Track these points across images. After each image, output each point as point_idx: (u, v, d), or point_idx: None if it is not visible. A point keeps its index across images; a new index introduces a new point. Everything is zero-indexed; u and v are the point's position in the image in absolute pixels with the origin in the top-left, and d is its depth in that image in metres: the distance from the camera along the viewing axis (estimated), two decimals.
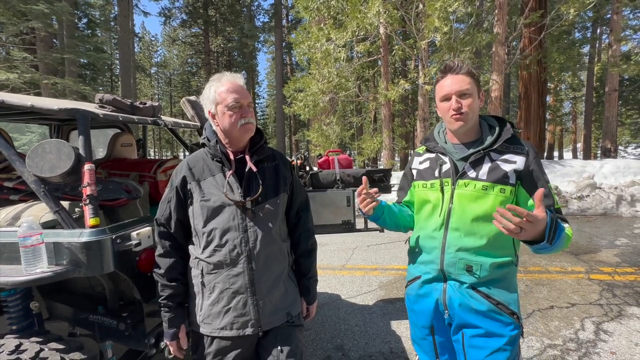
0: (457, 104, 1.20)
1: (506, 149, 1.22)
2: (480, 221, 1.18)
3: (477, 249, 1.19)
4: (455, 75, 1.21)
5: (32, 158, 1.34)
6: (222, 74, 1.24)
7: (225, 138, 1.25)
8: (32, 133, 10.88)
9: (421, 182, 1.34)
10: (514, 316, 1.19)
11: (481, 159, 1.22)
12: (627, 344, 2.51)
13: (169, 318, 1.24)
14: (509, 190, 1.17)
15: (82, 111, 1.46)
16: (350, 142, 13.78)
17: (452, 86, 1.21)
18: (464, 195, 1.21)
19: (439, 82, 1.26)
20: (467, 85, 1.19)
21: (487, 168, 1.20)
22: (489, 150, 1.21)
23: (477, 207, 1.19)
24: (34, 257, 1.19)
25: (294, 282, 1.38)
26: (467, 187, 1.21)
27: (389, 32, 9.26)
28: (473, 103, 1.20)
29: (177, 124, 2.26)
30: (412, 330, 1.42)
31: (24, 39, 11.28)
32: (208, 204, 1.20)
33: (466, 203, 1.20)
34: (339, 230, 2.76)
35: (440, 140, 1.34)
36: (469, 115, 1.20)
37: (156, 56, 35.37)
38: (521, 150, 1.21)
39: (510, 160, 1.20)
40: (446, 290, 1.25)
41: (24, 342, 1.26)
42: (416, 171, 1.39)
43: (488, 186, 1.18)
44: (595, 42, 18.53)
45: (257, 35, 23.92)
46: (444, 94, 1.23)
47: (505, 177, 1.17)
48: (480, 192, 1.19)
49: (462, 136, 1.28)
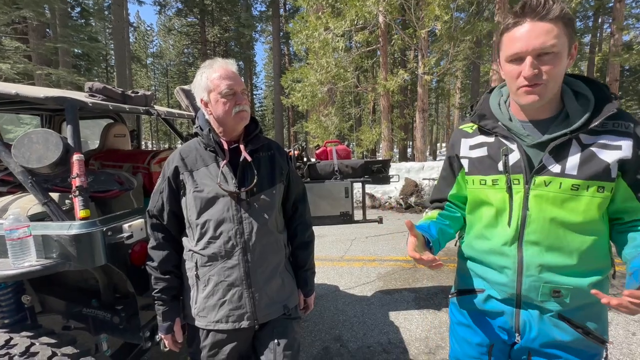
0: (533, 71, 0.82)
1: (605, 129, 0.86)
2: (569, 231, 0.88)
3: (565, 269, 0.90)
4: (538, 22, 0.80)
5: (19, 148, 1.29)
6: (213, 60, 1.19)
7: (219, 127, 1.20)
8: (27, 125, 10.76)
9: (478, 178, 1.00)
10: (604, 344, 0.95)
11: (566, 144, 0.87)
12: (624, 333, 2.52)
13: (163, 311, 1.22)
14: (610, 188, 0.86)
15: (70, 100, 1.40)
16: (349, 134, 13.70)
17: (529, 41, 0.81)
18: (544, 197, 0.89)
19: (510, 30, 0.85)
20: (554, 39, 0.79)
21: (577, 158, 0.86)
22: (579, 132, 0.86)
23: (564, 213, 0.88)
24: (21, 251, 1.16)
25: (291, 274, 1.36)
26: (548, 187, 0.88)
27: (388, 21, 9.10)
28: (558, 68, 0.82)
29: (171, 113, 2.20)
30: (460, 346, 1.14)
31: (15, 28, 11.04)
32: (201, 194, 1.16)
33: (548, 208, 0.89)
34: (337, 221, 2.74)
35: (502, 116, 0.97)
36: (550, 85, 0.83)
37: (152, 46, 34.93)
38: (625, 129, 0.85)
39: (611, 144, 0.85)
40: (520, 315, 0.98)
41: (14, 337, 1.24)
42: (467, 161, 1.03)
43: (580, 185, 0.85)
44: (596, 31, 18.34)
45: (254, 25, 23.54)
46: (515, 52, 0.83)
47: (606, 170, 0.84)
48: (569, 193, 0.86)
49: (536, 112, 0.92)
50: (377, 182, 2.85)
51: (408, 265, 4.02)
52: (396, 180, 3.02)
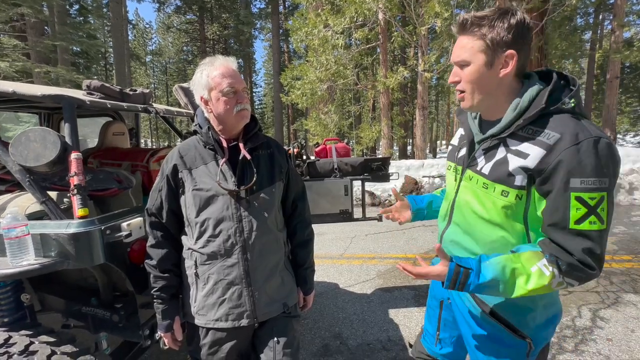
0: (453, 78, 0.94)
1: (531, 135, 0.86)
2: (479, 221, 0.98)
3: (470, 252, 1.02)
4: (461, 35, 0.91)
5: (16, 147, 1.29)
6: (214, 58, 1.18)
7: (219, 125, 1.20)
8: (26, 123, 10.74)
9: (447, 163, 1.17)
10: (516, 334, 0.99)
11: (496, 145, 0.93)
12: (624, 330, 2.53)
13: (162, 310, 1.22)
14: (514, 195, 0.88)
15: (68, 98, 1.39)
16: (348, 131, 13.67)
17: (454, 52, 0.92)
18: (467, 188, 1.01)
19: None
20: (467, 53, 0.88)
21: (495, 160, 0.92)
22: (504, 136, 0.91)
23: (478, 206, 0.97)
24: (19, 249, 1.16)
25: (290, 273, 1.36)
26: (471, 180, 1.00)
27: (388, 18, 9.06)
28: (475, 77, 0.89)
29: (170, 111, 2.19)
30: (429, 297, 1.35)
31: (13, 25, 10.99)
32: (200, 193, 1.16)
33: (468, 198, 1.01)
34: (336, 219, 2.73)
35: (470, 114, 1.07)
36: (471, 91, 0.92)
37: (151, 44, 34.77)
38: (546, 139, 0.83)
39: (524, 152, 0.86)
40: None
41: (13, 335, 1.24)
42: (450, 147, 1.19)
43: (489, 185, 0.93)
44: (597, 28, 18.26)
45: (254, 22, 23.44)
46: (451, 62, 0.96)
47: (509, 176, 0.88)
48: (482, 189, 0.95)
49: (484, 113, 1.00)
50: (376, 180, 2.85)
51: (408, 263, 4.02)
52: (396, 178, 3.02)
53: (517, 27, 0.85)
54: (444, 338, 1.27)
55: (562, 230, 0.82)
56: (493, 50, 0.86)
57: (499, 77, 0.89)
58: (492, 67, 0.88)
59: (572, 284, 0.85)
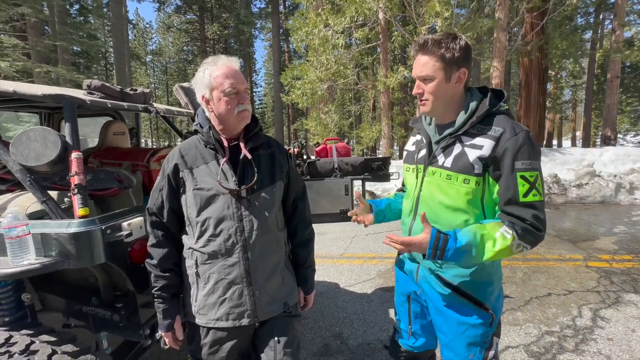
0: (417, 90, 1.14)
1: (479, 132, 1.09)
2: (444, 209, 1.15)
3: None
4: (421, 55, 1.10)
5: (17, 146, 1.29)
6: (217, 57, 1.17)
7: (220, 125, 1.20)
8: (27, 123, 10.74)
9: (406, 165, 1.34)
10: (481, 307, 1.16)
11: (453, 143, 1.13)
12: (624, 330, 2.52)
13: (163, 309, 1.22)
14: (474, 181, 1.07)
15: (68, 97, 1.39)
16: (349, 131, 13.67)
17: (415, 68, 1.13)
18: (431, 182, 1.18)
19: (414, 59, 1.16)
20: (429, 70, 1.08)
21: (454, 155, 1.11)
22: (459, 134, 1.11)
23: (442, 196, 1.14)
24: (20, 249, 1.16)
25: (291, 272, 1.36)
26: (434, 175, 1.16)
27: (388, 18, 9.05)
28: (437, 87, 1.09)
29: (170, 111, 2.19)
30: (396, 295, 1.48)
31: (14, 25, 10.99)
32: (201, 192, 1.16)
33: (433, 191, 1.17)
34: (337, 219, 2.73)
35: (425, 121, 1.27)
36: (431, 100, 1.12)
37: (151, 44, 34.75)
38: (493, 134, 1.06)
39: (478, 145, 1.07)
40: (419, 271, 1.30)
41: (14, 335, 1.24)
42: (406, 153, 1.38)
43: (452, 175, 1.10)
44: (597, 27, 18.23)
45: (254, 22, 23.41)
46: (413, 76, 1.16)
47: (469, 166, 1.07)
48: (445, 181, 1.12)
49: (438, 118, 1.20)
50: (377, 179, 2.84)
51: None
52: (396, 177, 3.01)
53: (465, 48, 1.08)
54: (415, 330, 1.40)
55: (514, 204, 1.04)
56: (450, 68, 1.08)
57: (453, 89, 1.11)
58: (449, 81, 1.10)
59: (527, 247, 1.05)
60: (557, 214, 6.26)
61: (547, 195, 7.36)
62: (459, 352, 1.21)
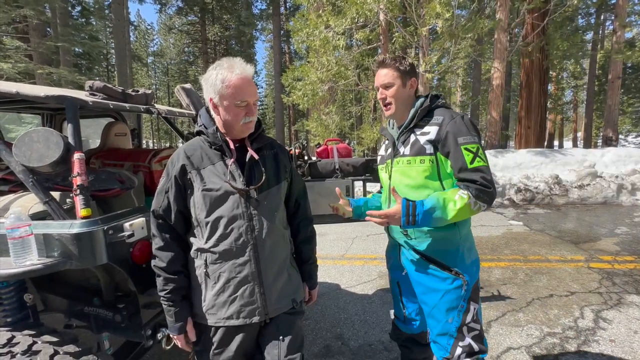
0: (381, 95, 1.43)
1: (426, 123, 1.37)
2: (409, 189, 1.38)
3: None
4: (382, 69, 1.41)
5: (19, 147, 1.29)
6: (233, 62, 1.15)
7: (223, 129, 1.22)
8: (29, 124, 10.77)
9: (380, 167, 1.59)
10: (451, 272, 1.36)
11: (408, 136, 1.40)
12: (626, 331, 2.52)
13: (175, 312, 1.20)
14: (428, 160, 1.33)
15: (70, 98, 1.40)
16: (349, 132, 13.68)
17: (378, 79, 1.42)
18: (398, 170, 1.42)
19: (376, 72, 1.45)
20: (389, 78, 1.39)
21: (410, 144, 1.38)
22: (411, 127, 1.39)
23: (407, 179, 1.38)
24: (22, 249, 1.16)
25: (295, 269, 1.38)
26: (399, 164, 1.41)
27: (389, 19, 9.06)
28: (396, 92, 1.39)
29: (172, 112, 2.19)
30: (390, 283, 1.66)
31: (16, 27, 11.04)
32: (210, 193, 1.16)
33: (400, 177, 1.41)
34: (338, 220, 2.72)
35: (389, 127, 1.55)
36: (394, 103, 1.40)
37: (152, 45, 34.84)
38: (436, 121, 1.34)
39: (426, 132, 1.35)
40: (400, 253, 1.52)
41: (16, 335, 1.24)
42: (379, 157, 1.63)
43: (411, 160, 1.36)
44: (598, 28, 18.21)
45: (255, 23, 23.47)
46: (376, 86, 1.45)
47: (422, 148, 1.34)
48: (406, 165, 1.38)
49: (399, 119, 1.47)
50: (378, 180, 2.84)
51: None
52: None
53: (411, 64, 1.42)
54: (410, 313, 1.58)
55: (465, 170, 1.27)
56: (404, 77, 1.40)
57: (408, 93, 1.43)
58: (405, 86, 1.41)
59: (483, 205, 1.25)
60: (558, 215, 6.24)
61: (549, 196, 7.36)
62: (440, 318, 1.38)
